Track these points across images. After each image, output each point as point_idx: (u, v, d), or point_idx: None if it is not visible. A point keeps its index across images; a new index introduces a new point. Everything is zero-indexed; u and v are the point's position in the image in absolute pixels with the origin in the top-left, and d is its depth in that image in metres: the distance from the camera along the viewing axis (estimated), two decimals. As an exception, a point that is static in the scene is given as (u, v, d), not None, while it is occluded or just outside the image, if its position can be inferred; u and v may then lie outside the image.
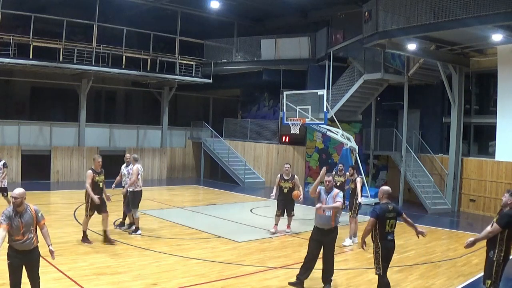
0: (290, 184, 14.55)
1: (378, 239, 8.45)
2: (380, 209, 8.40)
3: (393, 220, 8.50)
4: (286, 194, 14.49)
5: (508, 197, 7.86)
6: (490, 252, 7.90)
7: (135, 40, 27.48)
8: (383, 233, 8.41)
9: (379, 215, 8.35)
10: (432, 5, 17.37)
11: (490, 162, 20.65)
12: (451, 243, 14.77)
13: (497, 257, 7.80)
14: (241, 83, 31.19)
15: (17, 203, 7.10)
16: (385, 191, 8.65)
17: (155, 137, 30.42)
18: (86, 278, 9.39)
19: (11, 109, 26.83)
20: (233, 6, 27.25)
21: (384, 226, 8.39)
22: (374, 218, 8.37)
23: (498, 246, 7.79)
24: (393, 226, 8.56)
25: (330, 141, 25.34)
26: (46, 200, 20.32)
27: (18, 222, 7.10)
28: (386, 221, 8.39)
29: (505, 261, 7.86)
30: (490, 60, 21.05)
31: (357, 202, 14.18)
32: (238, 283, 9.81)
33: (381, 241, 8.44)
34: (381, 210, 8.38)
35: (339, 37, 25.08)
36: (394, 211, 8.50)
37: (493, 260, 7.84)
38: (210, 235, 14.35)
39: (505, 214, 7.80)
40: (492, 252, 7.87)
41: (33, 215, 7.31)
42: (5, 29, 22.26)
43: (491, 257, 7.87)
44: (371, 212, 8.52)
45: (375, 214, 8.37)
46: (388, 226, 8.45)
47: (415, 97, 23.29)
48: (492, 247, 7.87)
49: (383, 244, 8.45)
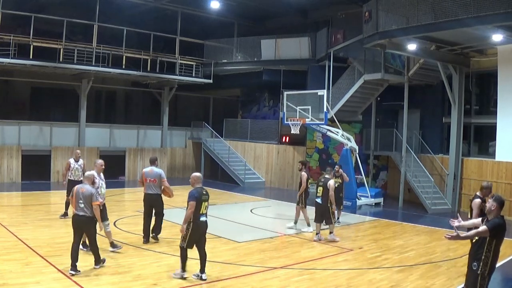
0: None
1: (192, 219, 9.62)
2: (197, 193, 9.68)
3: (206, 202, 9.83)
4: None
5: (492, 202, 7.34)
6: (473, 263, 7.33)
7: (135, 40, 27.47)
8: (197, 214, 9.64)
9: (197, 198, 9.61)
10: (432, 5, 17.36)
11: (490, 162, 20.63)
12: (451, 244, 14.73)
13: (482, 270, 7.22)
14: (241, 83, 31.21)
15: None
16: (197, 177, 10.01)
17: (155, 137, 30.42)
18: (86, 278, 9.38)
19: (11, 109, 26.80)
20: (233, 6, 27.29)
21: (200, 208, 9.66)
22: (194, 201, 9.56)
23: (484, 258, 7.21)
24: (207, 207, 9.88)
25: (330, 141, 25.31)
26: (46, 200, 20.32)
27: None
28: (202, 203, 9.69)
29: (489, 275, 7.30)
30: (490, 60, 21.03)
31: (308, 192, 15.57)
32: (238, 283, 9.80)
33: (193, 220, 9.62)
34: (198, 193, 9.67)
35: (339, 37, 25.05)
36: (207, 194, 9.93)
37: (477, 274, 7.27)
38: (210, 235, 14.26)
39: (493, 221, 7.20)
40: (476, 263, 7.29)
41: None
42: (5, 29, 22.29)
43: (475, 270, 7.29)
44: (190, 196, 9.62)
45: (194, 197, 9.59)
46: (203, 208, 9.74)
47: (415, 97, 23.29)
48: (476, 259, 7.31)
49: (195, 223, 9.65)
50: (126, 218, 16.02)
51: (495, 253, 7.26)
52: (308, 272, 10.86)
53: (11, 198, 20.46)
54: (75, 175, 15.46)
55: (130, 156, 28.67)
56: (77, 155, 15.83)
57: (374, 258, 12.41)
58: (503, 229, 7.30)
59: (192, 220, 9.57)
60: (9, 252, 10.97)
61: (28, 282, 8.92)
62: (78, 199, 9.81)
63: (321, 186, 14.23)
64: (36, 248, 11.34)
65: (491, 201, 7.39)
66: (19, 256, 10.64)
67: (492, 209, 7.33)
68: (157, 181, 12.75)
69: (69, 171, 15.50)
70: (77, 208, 9.83)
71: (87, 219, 9.78)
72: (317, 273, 10.74)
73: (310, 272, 10.83)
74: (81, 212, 9.78)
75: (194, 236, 9.68)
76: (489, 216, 7.39)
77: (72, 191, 10.29)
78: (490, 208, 7.36)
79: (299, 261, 11.71)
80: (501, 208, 7.35)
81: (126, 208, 10.78)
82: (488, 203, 7.45)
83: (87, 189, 9.94)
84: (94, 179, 10.66)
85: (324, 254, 12.69)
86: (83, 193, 9.83)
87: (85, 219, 9.77)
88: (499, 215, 7.31)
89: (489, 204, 7.42)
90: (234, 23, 30.33)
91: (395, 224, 18.02)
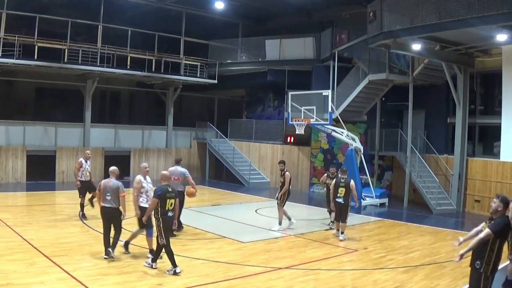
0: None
1: (159, 215, 10.10)
2: (161, 190, 10.18)
3: (172, 199, 10.26)
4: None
5: (498, 202, 7.28)
6: (476, 262, 7.25)
7: (139, 41, 27.49)
8: (164, 210, 10.12)
9: (160, 195, 10.09)
10: (436, 6, 17.34)
11: (495, 163, 20.58)
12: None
13: (485, 269, 7.16)
14: (246, 83, 31.21)
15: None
16: (164, 175, 10.64)
17: (160, 137, 30.45)
18: (91, 278, 9.41)
19: (16, 109, 26.85)
20: (237, 6, 27.30)
21: (165, 205, 10.11)
22: (156, 198, 10.09)
23: (487, 257, 7.16)
24: (173, 204, 10.28)
25: (335, 142, 25.29)
26: (51, 200, 20.37)
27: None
28: (167, 200, 10.13)
29: (493, 274, 7.24)
30: (494, 60, 20.99)
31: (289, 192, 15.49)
32: (243, 283, 9.81)
33: (161, 216, 10.10)
34: (161, 191, 10.15)
35: (344, 37, 25.02)
36: (173, 192, 10.40)
37: (480, 273, 7.20)
38: (215, 235, 14.36)
39: (499, 222, 7.17)
40: (479, 262, 7.22)
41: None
42: (10, 30, 22.36)
43: (478, 269, 7.23)
44: (154, 193, 10.24)
45: (157, 195, 10.12)
46: (168, 204, 10.17)
47: (420, 98, 23.24)
48: (479, 257, 7.22)
49: (163, 218, 10.11)
50: (131, 219, 16.01)
51: (498, 252, 7.21)
52: (313, 272, 10.86)
53: (16, 198, 20.52)
54: (86, 175, 15.61)
55: (135, 156, 28.69)
56: (87, 155, 16.08)
57: (379, 258, 12.40)
58: (509, 229, 7.26)
59: (160, 216, 10.10)
60: (13, 252, 11.01)
61: (33, 282, 8.95)
62: (106, 192, 10.89)
63: (343, 186, 14.54)
64: (41, 248, 11.37)
65: (498, 201, 7.32)
66: (23, 256, 10.68)
67: (498, 210, 7.28)
68: (181, 179, 13.90)
69: (80, 171, 15.61)
70: (104, 200, 10.93)
71: (114, 210, 10.90)
72: (322, 273, 10.74)
73: (315, 273, 10.83)
74: (108, 204, 10.89)
75: (166, 230, 10.22)
76: (494, 216, 7.34)
77: (99, 185, 11.20)
78: (497, 208, 7.30)
79: (304, 262, 11.71)
80: (507, 208, 7.30)
81: (132, 208, 10.88)
82: (494, 203, 7.36)
83: (113, 182, 11.00)
84: (118, 173, 11.47)
85: (329, 254, 12.68)
86: (110, 187, 10.90)
87: (112, 210, 10.89)
88: (504, 215, 7.27)
89: (495, 205, 7.34)
90: (238, 23, 30.32)
91: (400, 224, 18.00)
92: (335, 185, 14.70)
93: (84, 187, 15.69)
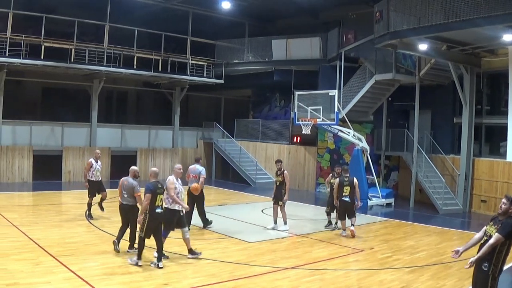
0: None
1: (148, 210, 10.36)
2: (152, 186, 10.49)
3: (161, 195, 10.64)
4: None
5: (508, 204, 7.19)
6: (484, 264, 7.18)
7: (146, 41, 27.57)
8: (153, 206, 10.39)
9: (152, 191, 10.40)
10: (443, 6, 17.30)
11: (501, 163, 20.52)
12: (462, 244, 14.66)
13: (493, 271, 7.13)
14: (253, 83, 31.23)
15: None
16: (153, 172, 10.99)
17: (166, 137, 30.51)
18: (97, 278, 9.44)
19: (23, 109, 26.88)
20: (244, 6, 27.31)
21: (155, 200, 10.42)
22: (149, 194, 10.35)
23: (495, 259, 7.12)
24: (162, 200, 10.67)
25: (342, 142, 25.25)
26: (57, 200, 20.44)
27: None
28: (157, 196, 10.47)
29: (499, 275, 7.24)
30: (501, 60, 20.92)
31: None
32: (249, 283, 9.82)
33: (149, 212, 10.36)
34: (153, 187, 10.47)
35: (350, 37, 24.99)
36: (163, 188, 10.73)
37: (487, 274, 7.14)
38: (221, 235, 14.38)
39: (507, 224, 7.08)
40: (486, 264, 7.16)
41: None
42: (17, 30, 22.42)
43: (486, 271, 7.16)
44: (146, 189, 10.43)
45: (150, 190, 10.39)
46: (158, 200, 10.50)
47: (426, 98, 23.17)
48: (487, 259, 7.15)
49: (151, 214, 10.38)
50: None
51: (506, 254, 7.17)
52: (319, 272, 10.85)
53: (22, 198, 20.60)
54: (96, 175, 15.65)
55: (142, 156, 28.76)
56: (97, 155, 16.15)
57: (385, 258, 12.38)
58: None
59: (148, 211, 10.38)
60: (20, 251, 11.05)
61: (39, 282, 8.98)
62: (123, 190, 11.48)
63: (348, 185, 14.75)
64: (47, 248, 11.41)
65: (508, 203, 7.22)
66: (30, 256, 10.71)
67: (509, 211, 7.19)
68: (197, 177, 14.94)
69: (90, 171, 15.64)
70: (122, 197, 11.51)
71: (130, 207, 11.44)
72: (328, 273, 10.74)
73: (321, 273, 10.82)
74: (124, 201, 11.48)
75: (151, 226, 10.46)
76: (501, 218, 7.27)
77: (119, 183, 11.66)
78: (507, 210, 7.21)
79: (310, 262, 11.71)
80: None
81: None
82: (505, 205, 7.25)
83: (129, 181, 11.51)
84: (138, 174, 11.85)
85: (335, 254, 12.67)
86: (126, 185, 11.46)
87: (128, 207, 11.45)
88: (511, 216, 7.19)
89: (505, 206, 7.23)
90: (245, 23, 30.34)
91: (406, 224, 17.96)
92: (340, 184, 14.82)
93: (94, 187, 15.72)
